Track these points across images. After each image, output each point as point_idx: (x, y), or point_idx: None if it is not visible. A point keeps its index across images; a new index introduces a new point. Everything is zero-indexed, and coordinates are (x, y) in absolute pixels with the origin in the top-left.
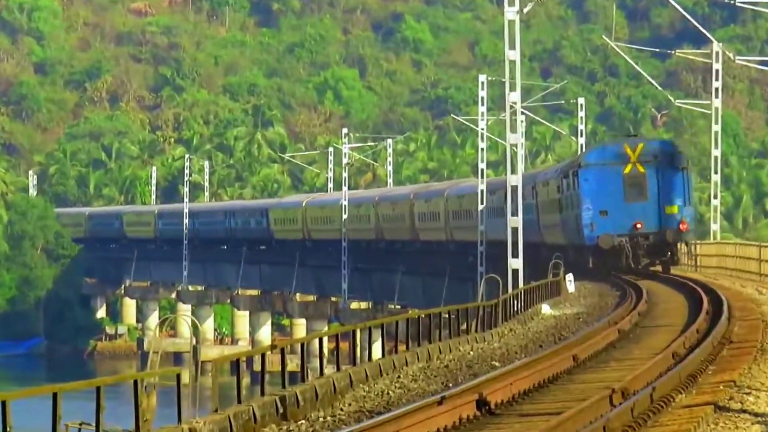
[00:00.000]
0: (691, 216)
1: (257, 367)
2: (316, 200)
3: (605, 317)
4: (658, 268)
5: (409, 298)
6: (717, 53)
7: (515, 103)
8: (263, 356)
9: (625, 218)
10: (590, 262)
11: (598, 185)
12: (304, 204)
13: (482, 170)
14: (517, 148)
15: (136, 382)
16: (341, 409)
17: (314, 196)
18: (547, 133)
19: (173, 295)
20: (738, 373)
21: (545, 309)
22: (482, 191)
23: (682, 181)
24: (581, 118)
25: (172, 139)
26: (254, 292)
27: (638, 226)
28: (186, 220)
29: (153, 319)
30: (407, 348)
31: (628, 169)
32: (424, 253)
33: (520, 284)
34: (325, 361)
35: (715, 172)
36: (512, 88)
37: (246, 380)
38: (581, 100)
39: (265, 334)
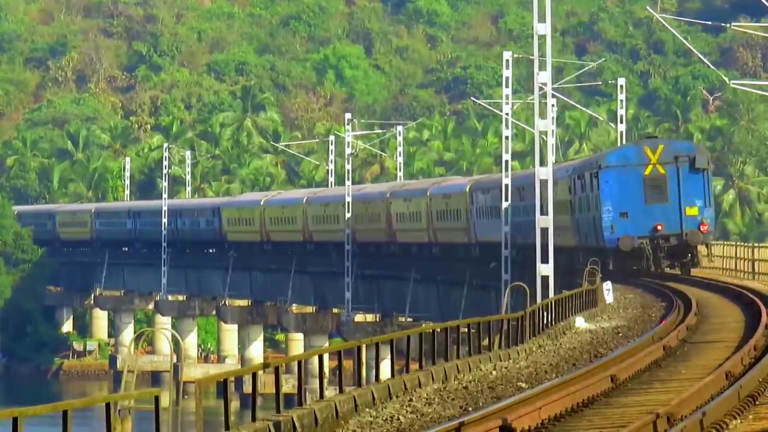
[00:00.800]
0: (711, 218)
1: (248, 388)
2: (276, 199)
3: (649, 332)
4: (678, 271)
5: (422, 310)
6: None
7: (545, 85)
8: (254, 376)
9: (646, 220)
10: (610, 265)
11: (618, 187)
12: (262, 203)
13: (506, 162)
14: (546, 136)
15: (108, 405)
16: None
17: (273, 194)
18: (581, 119)
19: (150, 306)
20: None
21: (579, 322)
22: (506, 186)
23: (702, 183)
24: (621, 101)
25: (149, 126)
26: (244, 303)
27: (659, 228)
28: (164, 219)
29: (127, 334)
30: (420, 367)
31: (648, 170)
32: (439, 259)
33: (551, 293)
34: (325, 381)
35: None
36: (542, 67)
37: (235, 404)
38: (621, 81)
39: (256, 351)
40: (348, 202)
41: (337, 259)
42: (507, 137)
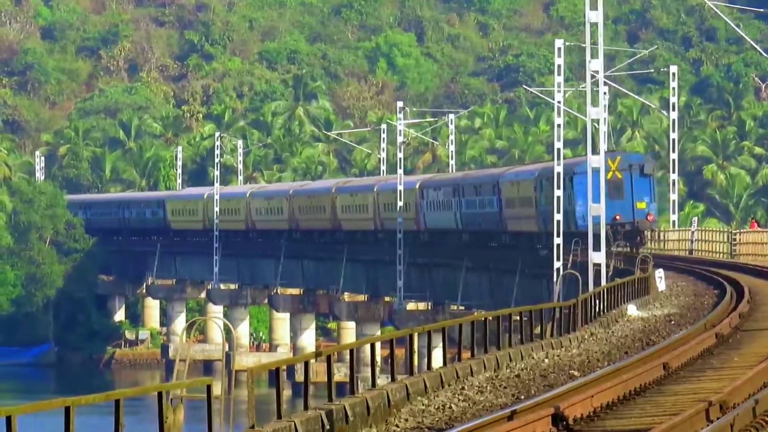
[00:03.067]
0: (655, 210)
1: (300, 377)
2: (222, 193)
3: (701, 320)
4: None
5: (474, 298)
6: None
7: (597, 72)
8: (306, 365)
9: (608, 211)
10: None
11: (587, 188)
12: (205, 196)
13: (559, 150)
14: (599, 123)
15: (160, 394)
16: (396, 426)
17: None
18: (633, 107)
19: (202, 295)
20: None
21: (631, 310)
22: (558, 174)
23: (649, 184)
24: (673, 89)
25: (200, 115)
26: (296, 291)
27: (617, 217)
28: (216, 208)
29: (179, 323)
30: (472, 355)
31: (609, 175)
32: (492, 246)
33: (602, 281)
34: (377, 370)
35: None
36: (594, 55)
37: (287, 392)
38: (673, 69)
39: (308, 340)
40: (400, 191)
41: (388, 247)
42: (559, 125)
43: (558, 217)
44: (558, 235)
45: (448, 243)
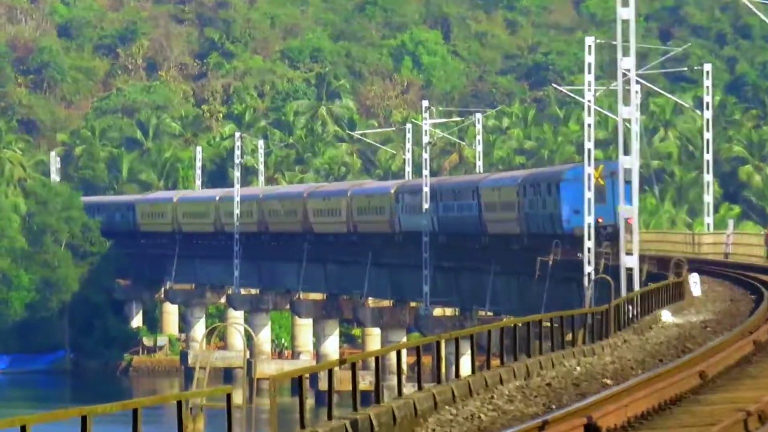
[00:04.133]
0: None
1: (323, 385)
2: (188, 196)
3: (738, 326)
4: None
5: (502, 303)
6: None
7: (629, 71)
8: (330, 373)
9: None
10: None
11: (573, 193)
12: (175, 200)
13: (589, 150)
14: (630, 123)
15: (179, 403)
16: None
17: (186, 193)
18: (666, 106)
19: (222, 300)
20: None
21: (666, 316)
22: (589, 175)
23: (629, 190)
24: (707, 88)
25: (221, 115)
26: (319, 296)
27: (600, 220)
28: (236, 211)
29: (199, 329)
30: (502, 363)
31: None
32: (521, 249)
33: (636, 286)
34: (404, 378)
35: None
36: (625, 53)
37: (310, 401)
38: (707, 67)
39: (332, 347)
40: (425, 192)
41: (415, 251)
42: (589, 125)
43: (589, 219)
44: (589, 238)
45: (471, 246)
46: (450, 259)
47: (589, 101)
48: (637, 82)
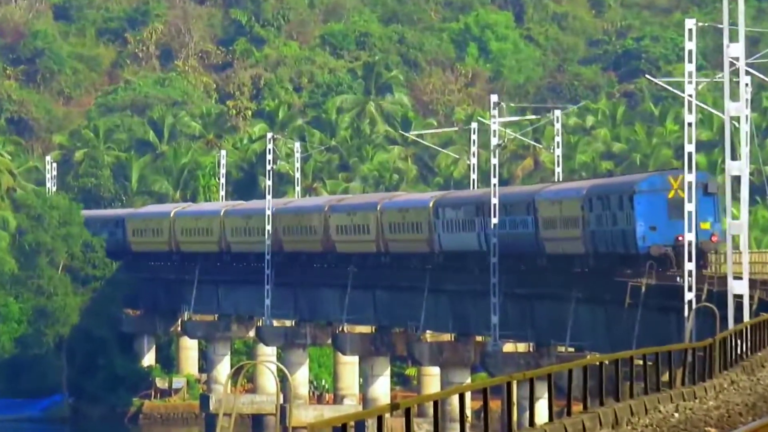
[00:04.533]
0: (720, 230)
1: None
2: (187, 210)
3: None
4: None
5: (586, 337)
6: None
7: (737, 59)
8: (380, 420)
9: (669, 232)
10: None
11: (648, 207)
12: (172, 214)
13: (690, 154)
14: (739, 122)
15: None
16: None
17: (185, 206)
18: None
19: (251, 334)
20: None
21: None
22: (690, 183)
23: (713, 204)
24: None
25: (249, 112)
26: (366, 329)
27: (680, 238)
28: (268, 227)
29: (223, 368)
30: (585, 408)
31: (671, 194)
32: (602, 273)
33: (745, 317)
34: (467, 426)
35: None
36: (733, 38)
37: None
38: None
39: (381, 389)
40: (494, 204)
41: (480, 275)
42: (690, 124)
43: (690, 236)
44: (690, 260)
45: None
46: (523, 285)
47: (689, 96)
48: (747, 72)
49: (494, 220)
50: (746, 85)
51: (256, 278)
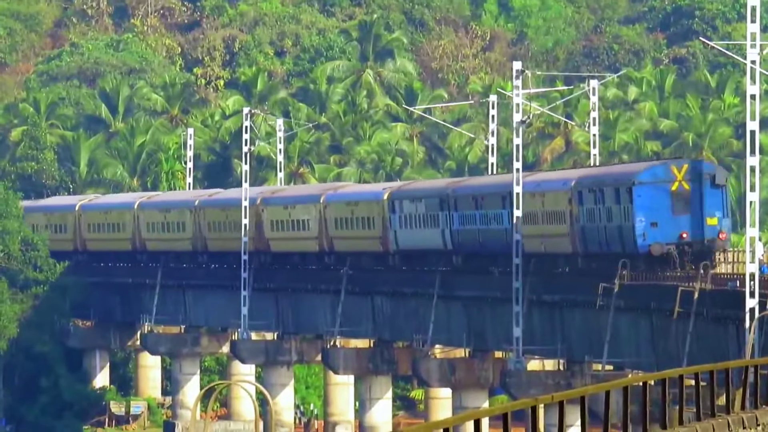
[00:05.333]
0: (728, 227)
1: None
2: (94, 203)
3: None
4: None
5: (627, 353)
6: None
7: None
8: None
9: (673, 228)
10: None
11: (649, 201)
12: (77, 208)
13: (752, 133)
14: None
15: None
16: None
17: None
18: None
19: (225, 349)
20: None
21: None
22: (752, 168)
23: (721, 197)
24: None
25: (221, 82)
26: (363, 344)
27: (684, 235)
28: (244, 221)
29: (191, 389)
30: None
31: (675, 186)
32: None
33: None
34: None
35: None
36: None
37: None
38: None
39: (382, 415)
40: (517, 193)
41: (499, 279)
42: (753, 96)
43: (752, 232)
44: (752, 261)
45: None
46: (552, 291)
47: (752, 62)
48: None
49: (517, 213)
50: None
51: (231, 283)
